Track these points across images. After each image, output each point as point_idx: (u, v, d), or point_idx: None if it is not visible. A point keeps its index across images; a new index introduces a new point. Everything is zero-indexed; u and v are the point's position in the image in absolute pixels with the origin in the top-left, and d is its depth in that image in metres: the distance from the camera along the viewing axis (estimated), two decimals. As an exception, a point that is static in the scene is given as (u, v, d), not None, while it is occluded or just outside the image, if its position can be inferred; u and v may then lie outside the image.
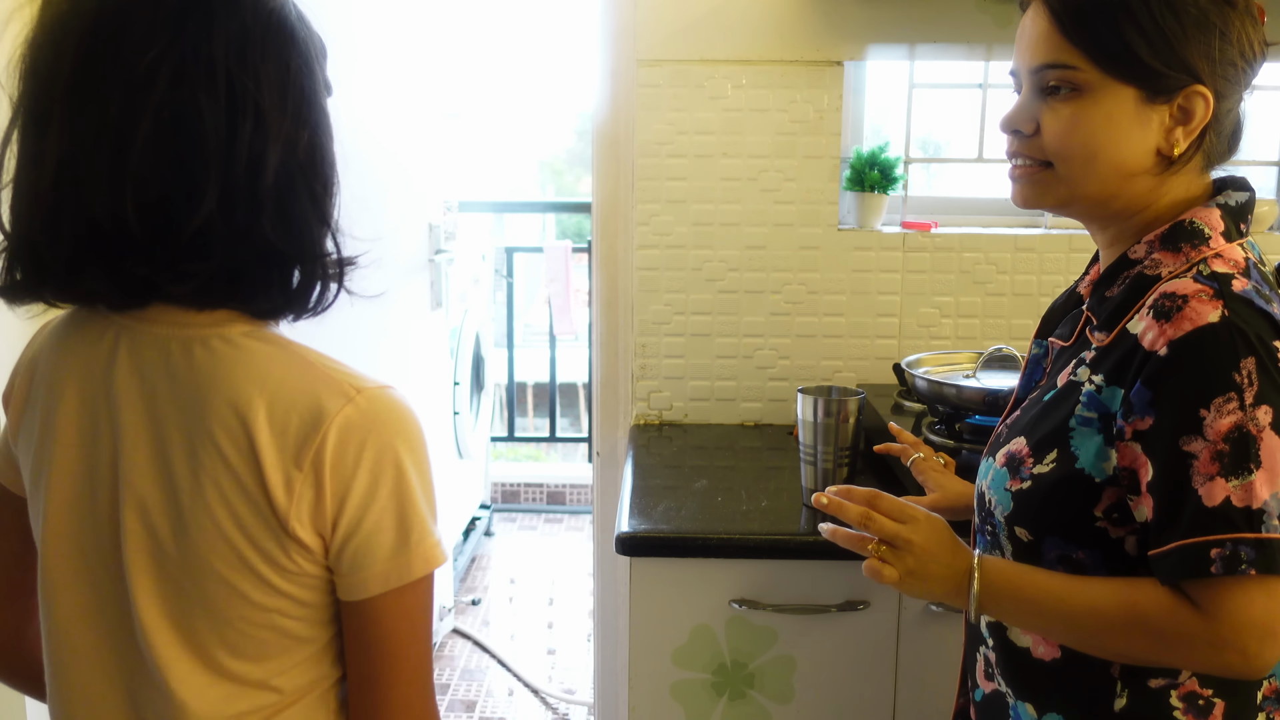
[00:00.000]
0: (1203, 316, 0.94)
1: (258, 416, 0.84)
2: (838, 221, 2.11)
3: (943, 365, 1.89)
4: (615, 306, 2.20)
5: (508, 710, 2.95)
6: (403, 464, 0.87)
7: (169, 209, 0.80)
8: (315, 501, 0.85)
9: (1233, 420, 0.92)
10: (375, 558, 0.86)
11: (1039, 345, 1.18)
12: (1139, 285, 1.02)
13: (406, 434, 0.88)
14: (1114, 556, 1.02)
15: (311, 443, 0.84)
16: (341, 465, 0.85)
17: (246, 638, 0.88)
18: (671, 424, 2.17)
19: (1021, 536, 1.06)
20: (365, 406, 0.86)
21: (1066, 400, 1.04)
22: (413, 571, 0.87)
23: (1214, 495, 0.92)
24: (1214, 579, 0.92)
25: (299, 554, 0.86)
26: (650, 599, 1.59)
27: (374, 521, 0.86)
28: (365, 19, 2.73)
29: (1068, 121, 1.01)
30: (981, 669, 1.17)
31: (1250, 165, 2.29)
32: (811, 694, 1.60)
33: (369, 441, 0.85)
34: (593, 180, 2.20)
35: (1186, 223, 1.03)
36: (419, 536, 0.87)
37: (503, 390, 4.57)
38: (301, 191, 0.85)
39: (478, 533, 4.04)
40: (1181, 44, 0.98)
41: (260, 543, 0.85)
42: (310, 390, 0.86)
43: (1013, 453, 1.07)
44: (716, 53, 2.05)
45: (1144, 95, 1.00)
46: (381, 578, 0.87)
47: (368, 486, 0.85)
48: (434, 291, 3.09)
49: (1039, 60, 1.02)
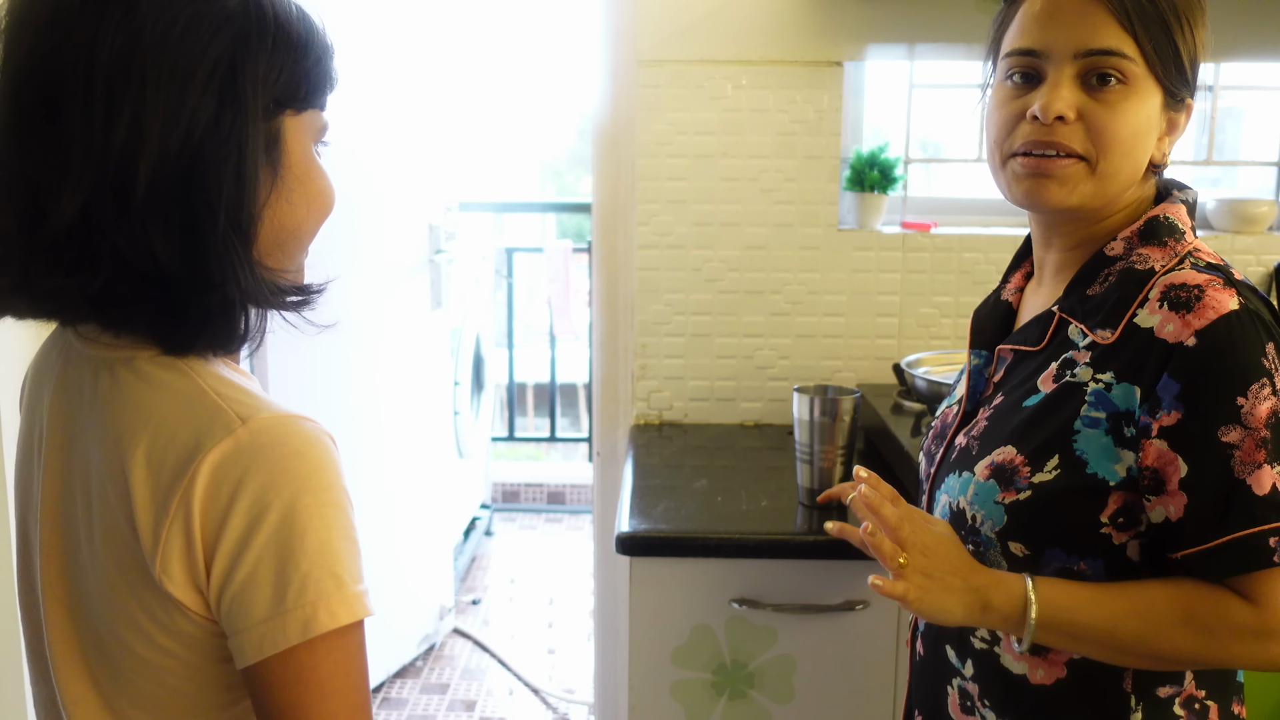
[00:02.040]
0: (1224, 305, 0.93)
1: (136, 453, 0.76)
2: (838, 221, 2.11)
3: (943, 365, 1.89)
4: (615, 306, 2.20)
5: (508, 710, 2.95)
6: (292, 506, 0.74)
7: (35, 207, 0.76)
8: (186, 550, 0.74)
9: (1270, 405, 0.91)
10: (250, 618, 0.74)
11: (979, 355, 1.13)
12: (1133, 279, 1.00)
13: (301, 470, 0.75)
14: (1116, 564, 0.99)
15: (181, 481, 0.74)
16: (213, 507, 0.74)
17: (143, 692, 0.80)
18: (671, 424, 2.17)
19: (1016, 552, 1.01)
20: (248, 439, 0.75)
21: (1065, 404, 1.00)
22: (288, 636, 0.73)
23: (1264, 483, 0.90)
24: (1268, 570, 0.90)
25: (175, 611, 0.76)
26: (650, 599, 1.59)
27: (247, 574, 0.74)
28: (365, 19, 2.73)
29: (1116, 112, 0.98)
30: (956, 704, 1.10)
31: (1250, 165, 2.30)
32: (811, 694, 1.60)
33: (248, 479, 0.74)
34: (593, 180, 2.20)
35: (1161, 218, 1.02)
36: (300, 593, 0.73)
37: (503, 390, 4.57)
38: (202, 213, 0.76)
39: (478, 533, 4.04)
40: (1196, 62, 1.01)
41: (141, 594, 0.76)
42: (193, 423, 0.76)
43: (1000, 463, 1.02)
44: (716, 53, 2.05)
45: (1167, 100, 1.01)
46: (255, 643, 0.74)
47: (242, 532, 0.73)
48: (434, 291, 3.09)
49: (1095, 44, 0.97)
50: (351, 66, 0.92)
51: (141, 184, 0.74)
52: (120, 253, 0.75)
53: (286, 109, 0.81)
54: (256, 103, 0.78)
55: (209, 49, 0.76)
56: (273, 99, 0.80)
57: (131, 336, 0.80)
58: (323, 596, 0.74)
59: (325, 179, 0.87)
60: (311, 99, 0.84)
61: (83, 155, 0.74)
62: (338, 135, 0.90)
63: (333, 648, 0.75)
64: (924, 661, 1.15)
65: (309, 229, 0.86)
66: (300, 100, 0.82)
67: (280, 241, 0.83)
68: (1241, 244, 2.13)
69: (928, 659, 1.14)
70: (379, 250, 2.83)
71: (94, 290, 0.76)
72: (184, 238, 0.76)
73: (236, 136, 0.76)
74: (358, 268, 2.72)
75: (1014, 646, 1.02)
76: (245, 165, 0.77)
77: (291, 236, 0.84)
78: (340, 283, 0.91)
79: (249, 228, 0.78)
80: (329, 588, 0.74)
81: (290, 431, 0.76)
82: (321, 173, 0.86)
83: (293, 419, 0.77)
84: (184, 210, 0.76)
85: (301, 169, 0.83)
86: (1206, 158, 2.22)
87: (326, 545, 0.75)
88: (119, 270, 0.76)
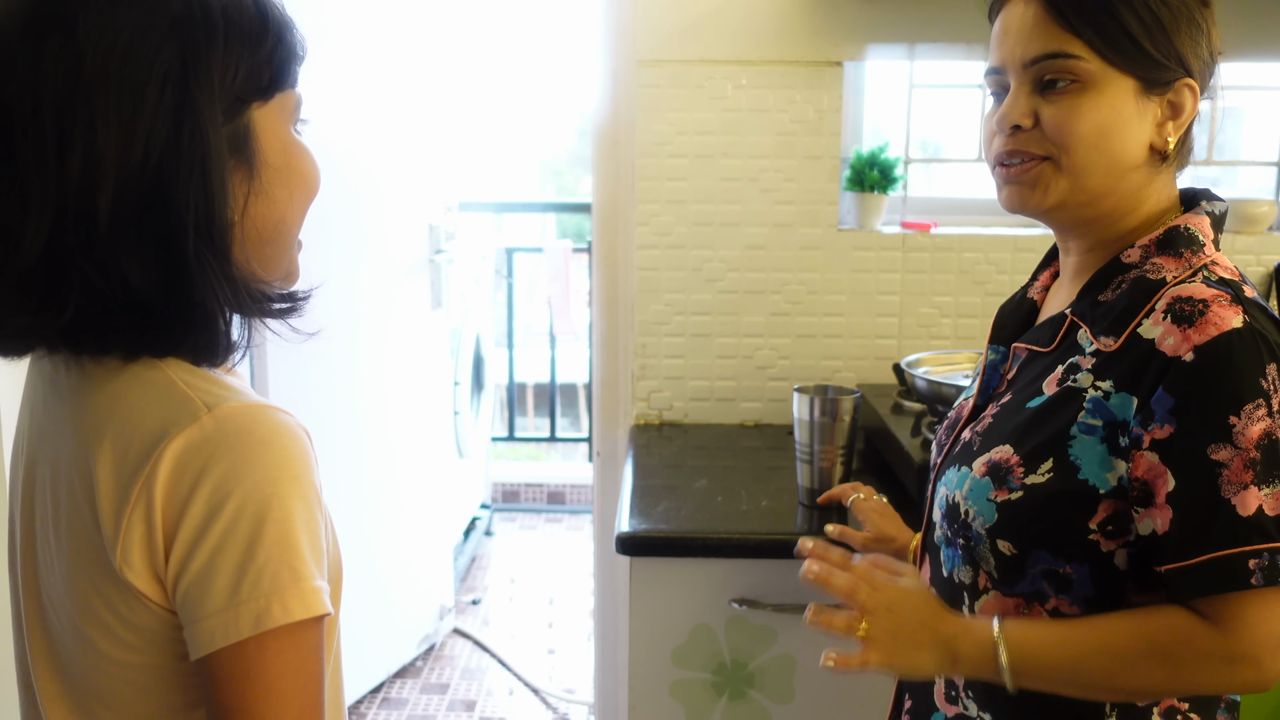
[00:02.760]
0: (1227, 322, 0.92)
1: (102, 442, 0.75)
2: (838, 221, 2.11)
3: (942, 365, 1.89)
4: (615, 306, 2.20)
5: (508, 710, 2.95)
6: (252, 496, 0.72)
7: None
8: (147, 538, 0.73)
9: (1263, 427, 0.90)
10: (204, 609, 0.72)
11: (996, 351, 1.14)
12: (1143, 289, 0.99)
13: (265, 460, 0.73)
14: (1103, 571, 0.98)
15: (144, 469, 0.73)
16: (174, 494, 0.72)
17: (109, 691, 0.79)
18: (671, 424, 2.17)
19: (1005, 550, 1.01)
20: (213, 427, 0.73)
21: (1064, 408, 0.99)
22: (240, 629, 0.71)
23: (1249, 504, 0.89)
24: (1238, 593, 0.89)
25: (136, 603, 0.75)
26: (650, 599, 1.59)
27: (203, 563, 0.72)
28: (365, 20, 2.73)
29: (1070, 110, 0.98)
30: (941, 692, 1.10)
31: (1250, 165, 2.30)
32: (811, 694, 1.60)
33: (210, 467, 0.72)
34: (593, 180, 2.20)
35: (1181, 228, 1.01)
36: (254, 584, 0.71)
37: (503, 390, 4.57)
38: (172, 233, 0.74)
39: (478, 532, 4.04)
40: (1175, 35, 0.98)
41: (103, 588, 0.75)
42: (159, 411, 0.75)
43: (996, 461, 1.02)
44: (716, 53, 2.05)
45: (1142, 86, 0.99)
46: (207, 635, 0.72)
47: (201, 520, 0.72)
48: (434, 291, 3.09)
49: (1036, 51, 0.99)
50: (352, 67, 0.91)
51: (104, 214, 0.72)
52: (91, 283, 0.74)
53: (252, 102, 0.78)
54: (215, 109, 0.75)
55: (155, 64, 0.73)
56: (235, 97, 0.77)
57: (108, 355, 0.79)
58: (278, 590, 0.72)
59: (307, 158, 0.83)
60: (278, 83, 0.80)
61: (40, 192, 0.72)
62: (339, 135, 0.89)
63: (284, 646, 0.73)
64: None
65: (295, 217, 0.83)
66: (266, 89, 0.79)
67: (267, 238, 0.81)
68: (1241, 244, 2.13)
69: None
70: (379, 250, 2.83)
71: (63, 323, 0.75)
72: (157, 260, 0.74)
73: (197, 149, 0.74)
74: (358, 268, 2.71)
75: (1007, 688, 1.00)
76: (211, 178, 0.74)
77: (276, 230, 0.81)
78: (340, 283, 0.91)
79: (222, 239, 0.76)
80: (285, 581, 0.72)
81: (257, 420, 0.75)
82: (303, 152, 0.83)
83: (262, 408, 0.75)
84: (153, 234, 0.74)
85: (280, 158, 0.80)
86: (1206, 158, 2.22)
87: (286, 538, 0.73)
88: (90, 300, 0.74)
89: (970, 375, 1.76)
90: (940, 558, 1.10)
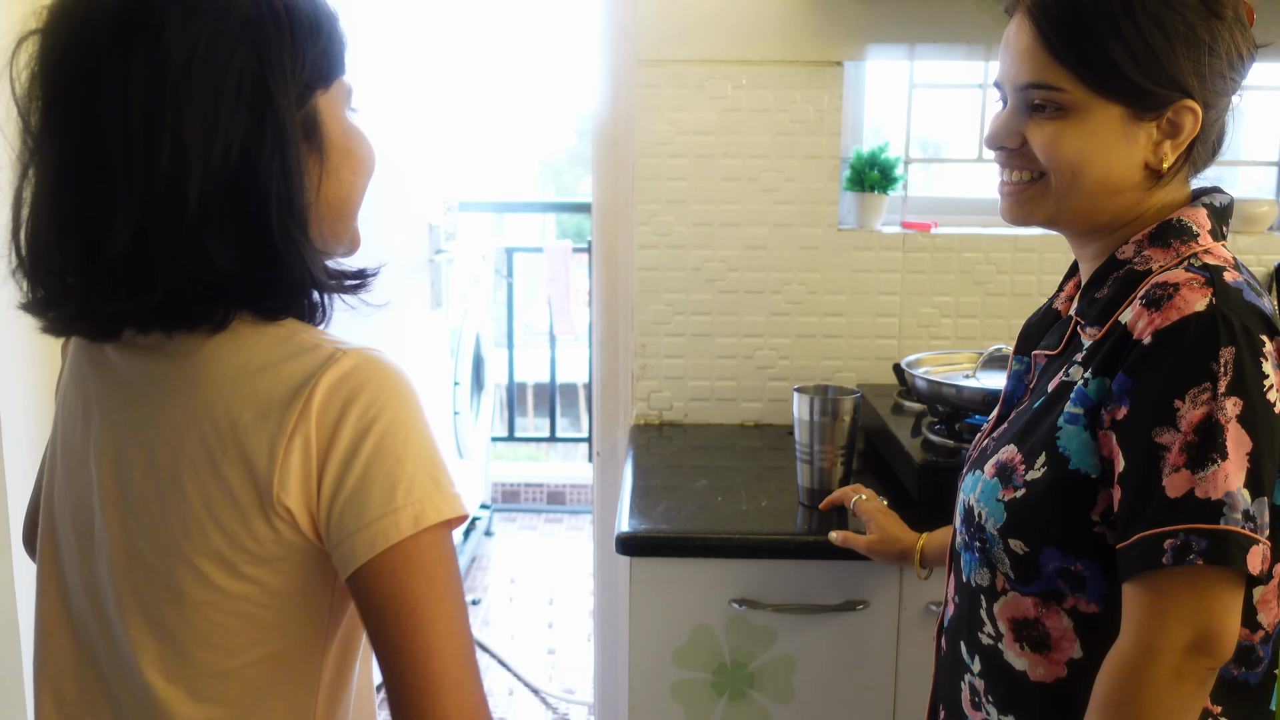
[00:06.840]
0: (1190, 305, 0.93)
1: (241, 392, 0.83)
2: (838, 221, 2.11)
3: (943, 365, 1.89)
4: (615, 306, 2.20)
5: (508, 710, 2.95)
6: (395, 419, 0.83)
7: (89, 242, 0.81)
8: (303, 462, 0.82)
9: (1204, 411, 0.90)
10: (364, 518, 0.82)
11: (1020, 361, 1.16)
12: (1130, 280, 1.01)
13: (399, 391, 0.84)
14: (1113, 566, 0.98)
15: (298, 401, 0.82)
16: (324, 423, 0.82)
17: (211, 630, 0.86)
18: (671, 424, 2.17)
19: (1017, 549, 1.02)
20: (352, 365, 0.83)
21: (1057, 402, 1.02)
22: (400, 529, 0.81)
23: (1178, 487, 0.91)
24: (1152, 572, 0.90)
25: (283, 526, 0.83)
26: (650, 599, 1.59)
27: (358, 478, 0.82)
28: (365, 20, 2.73)
29: (1052, 138, 1.00)
30: (968, 698, 1.12)
31: (1250, 165, 2.30)
32: (811, 694, 1.60)
33: (356, 395, 0.82)
34: (593, 180, 2.20)
35: (1174, 220, 1.02)
36: (409, 491, 0.82)
37: (503, 390, 4.57)
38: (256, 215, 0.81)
39: (478, 533, 4.04)
40: (1170, 61, 0.97)
41: (232, 529, 0.83)
42: (298, 358, 0.84)
43: (1003, 462, 1.04)
44: (716, 53, 2.05)
45: (1131, 113, 0.99)
46: (369, 541, 0.81)
47: (353, 440, 0.82)
48: (434, 291, 3.09)
49: (1024, 79, 1.01)
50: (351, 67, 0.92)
51: (193, 203, 0.79)
52: (180, 266, 0.80)
53: (317, 90, 0.86)
54: (289, 98, 0.82)
55: (232, 61, 0.79)
56: (303, 86, 0.84)
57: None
58: (428, 494, 0.83)
59: (363, 139, 0.91)
60: (336, 70, 0.88)
61: (129, 188, 0.78)
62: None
63: (435, 539, 0.83)
64: (945, 657, 1.17)
65: (359, 194, 0.91)
66: (326, 76, 0.87)
67: (337, 214, 0.89)
68: (1242, 244, 2.13)
69: (948, 654, 1.16)
70: (379, 250, 2.83)
71: (155, 304, 0.81)
72: (241, 241, 0.81)
73: (276, 137, 0.81)
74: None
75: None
76: (289, 161, 0.82)
77: (344, 207, 0.90)
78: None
79: (302, 217, 0.83)
80: (431, 487, 0.83)
81: (381, 360, 0.85)
82: (359, 134, 0.91)
83: (379, 352, 0.86)
84: (238, 217, 0.81)
85: (342, 141, 0.88)
86: (1207, 158, 2.22)
87: (425, 452, 0.84)
88: (179, 282, 0.81)
89: (969, 375, 1.77)
90: (961, 563, 1.12)
